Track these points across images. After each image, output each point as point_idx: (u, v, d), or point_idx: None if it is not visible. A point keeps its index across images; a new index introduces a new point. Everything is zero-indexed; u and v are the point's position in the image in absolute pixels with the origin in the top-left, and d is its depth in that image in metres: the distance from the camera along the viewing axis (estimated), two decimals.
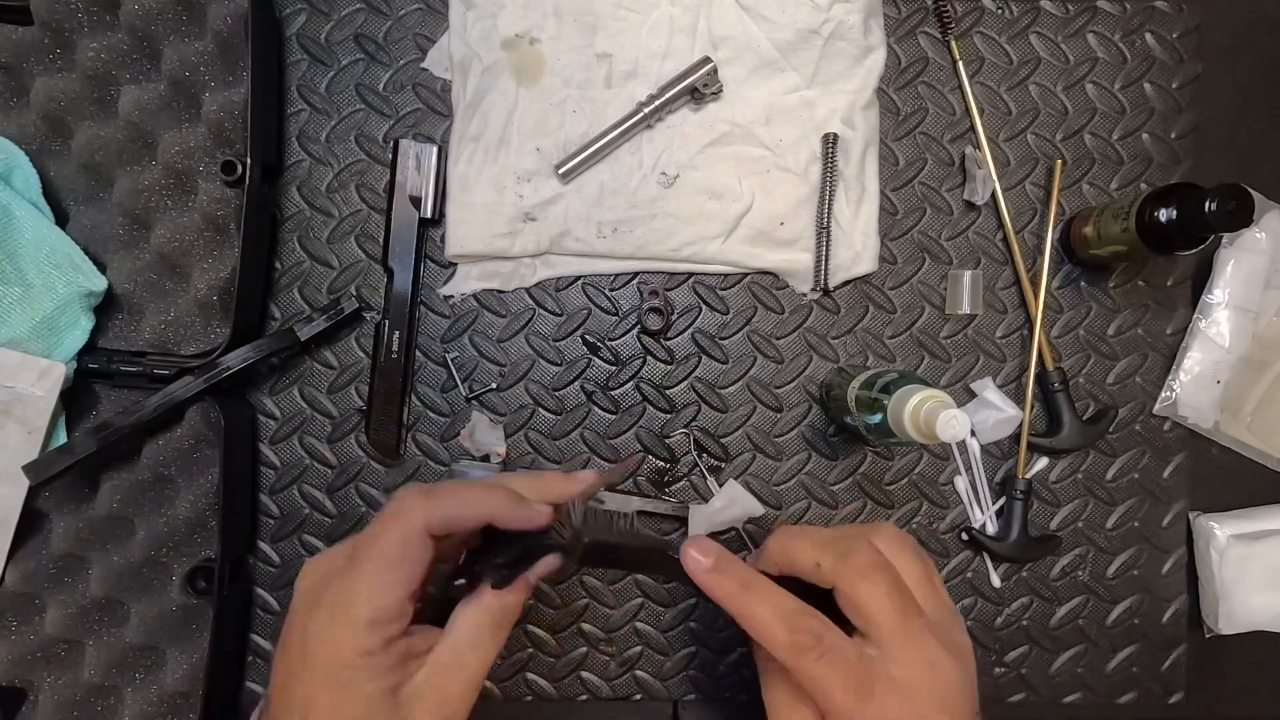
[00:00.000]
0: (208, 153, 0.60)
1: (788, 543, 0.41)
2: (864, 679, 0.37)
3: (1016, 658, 0.64)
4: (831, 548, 0.39)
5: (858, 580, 0.38)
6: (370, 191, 0.63)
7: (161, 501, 0.60)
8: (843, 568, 0.39)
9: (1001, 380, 0.64)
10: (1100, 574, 0.64)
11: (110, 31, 0.59)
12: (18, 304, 0.56)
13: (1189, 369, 0.64)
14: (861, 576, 0.38)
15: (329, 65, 0.63)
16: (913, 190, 0.64)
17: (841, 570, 0.38)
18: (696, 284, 0.63)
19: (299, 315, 0.62)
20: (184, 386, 0.57)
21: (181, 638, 0.59)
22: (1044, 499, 0.64)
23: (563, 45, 0.61)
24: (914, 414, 0.47)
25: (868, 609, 0.38)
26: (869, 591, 0.38)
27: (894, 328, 0.64)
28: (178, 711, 0.59)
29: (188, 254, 0.60)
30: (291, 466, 0.62)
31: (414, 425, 0.62)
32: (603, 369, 0.63)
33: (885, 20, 0.63)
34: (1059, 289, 0.64)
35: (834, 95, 0.62)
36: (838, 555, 0.39)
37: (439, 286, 0.62)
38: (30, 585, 0.58)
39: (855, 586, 0.38)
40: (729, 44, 0.61)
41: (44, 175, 0.59)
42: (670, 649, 0.62)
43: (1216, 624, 0.63)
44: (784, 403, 0.63)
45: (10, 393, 0.56)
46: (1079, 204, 0.64)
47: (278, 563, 0.62)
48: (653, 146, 0.61)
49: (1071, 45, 0.65)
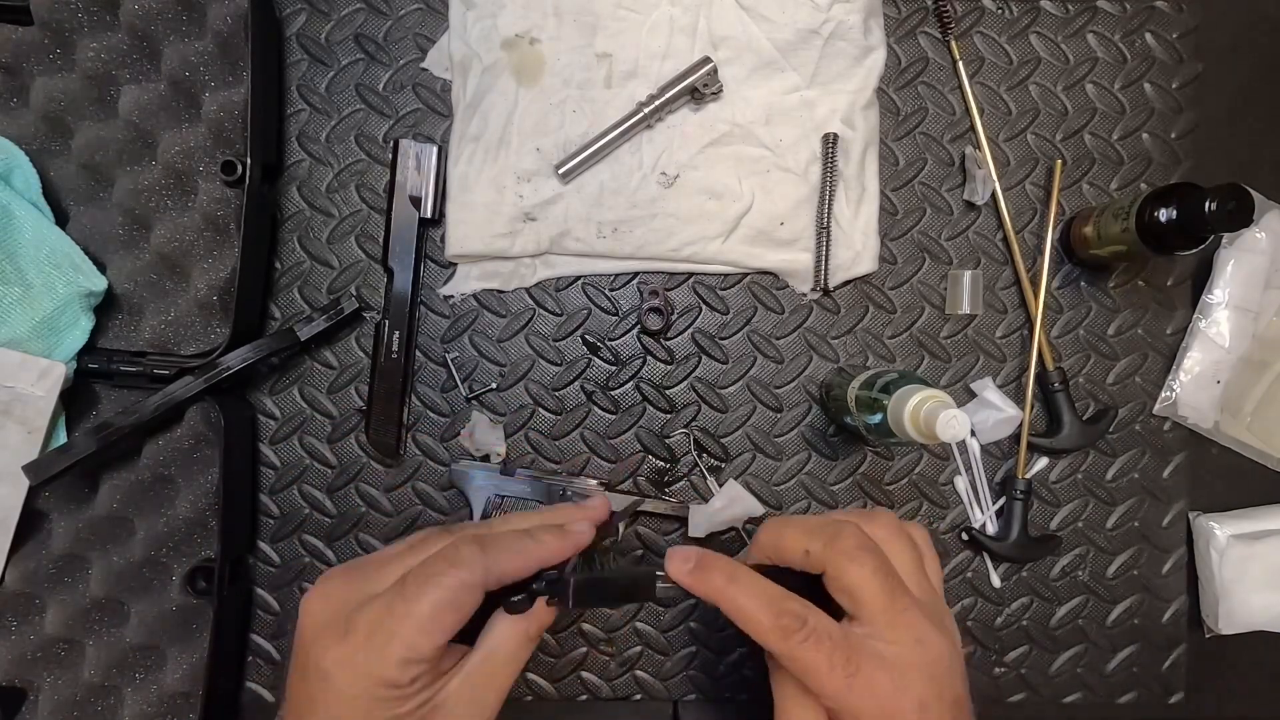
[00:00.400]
0: (208, 153, 0.60)
1: (777, 532, 0.42)
2: (850, 657, 0.37)
3: (1016, 658, 0.64)
4: (819, 533, 0.40)
5: (845, 562, 0.39)
6: (370, 191, 0.63)
7: (161, 501, 0.60)
8: (830, 551, 0.39)
9: (1001, 380, 0.64)
10: (1100, 574, 0.64)
11: (110, 31, 0.59)
12: (18, 304, 0.56)
13: (1189, 369, 0.64)
14: (848, 558, 0.39)
15: (329, 65, 0.63)
16: (913, 190, 0.64)
17: (829, 554, 0.39)
18: (696, 284, 0.63)
19: (299, 315, 0.62)
20: (184, 386, 0.57)
21: (181, 638, 0.59)
22: (1044, 499, 0.64)
23: (563, 45, 0.61)
24: (914, 414, 0.47)
25: (854, 589, 0.38)
26: (855, 572, 0.39)
27: (894, 328, 0.64)
28: (178, 711, 0.59)
29: (188, 254, 0.60)
30: (291, 466, 0.62)
31: (414, 425, 0.62)
32: (603, 369, 0.63)
33: (885, 20, 0.63)
34: (1059, 289, 0.64)
35: (834, 95, 0.62)
36: (825, 540, 0.40)
37: (439, 286, 0.62)
38: (30, 585, 0.58)
39: (842, 568, 0.39)
40: (729, 44, 0.61)
41: (44, 175, 0.59)
42: (670, 649, 0.62)
43: (1216, 624, 0.63)
44: (784, 403, 0.63)
45: (10, 393, 0.56)
46: (1079, 204, 0.64)
47: (278, 563, 0.62)
48: (653, 146, 0.61)
49: (1071, 45, 0.65)
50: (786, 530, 0.42)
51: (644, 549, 0.63)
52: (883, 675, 0.37)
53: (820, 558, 0.39)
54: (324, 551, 0.62)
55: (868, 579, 0.38)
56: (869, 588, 0.38)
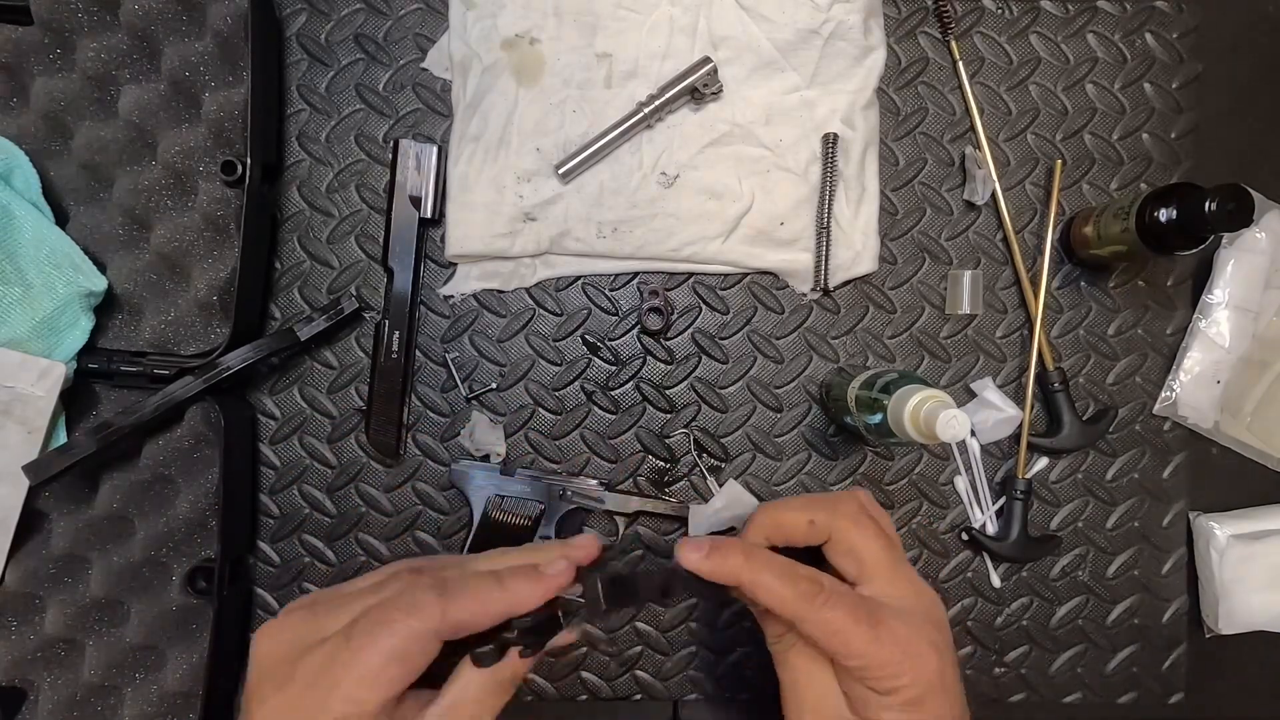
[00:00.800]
0: (208, 153, 0.60)
1: (775, 514, 0.43)
2: (871, 611, 0.39)
3: (1016, 658, 0.64)
4: (820, 505, 0.43)
5: (851, 527, 0.42)
6: (370, 191, 0.63)
7: (161, 501, 0.60)
8: (835, 518, 0.42)
9: (1001, 380, 0.64)
10: (1100, 574, 0.64)
11: (110, 31, 0.59)
12: (18, 304, 0.56)
13: (1189, 369, 0.64)
14: (853, 523, 0.42)
15: (329, 65, 0.63)
16: (913, 190, 0.64)
17: (834, 521, 0.42)
18: (696, 284, 0.63)
19: (299, 315, 0.62)
20: (184, 386, 0.57)
21: (181, 638, 0.59)
22: (1044, 499, 0.64)
23: (563, 45, 0.61)
24: (914, 414, 0.47)
25: (861, 549, 0.42)
26: (860, 534, 0.42)
27: (894, 328, 0.64)
28: (178, 711, 0.59)
29: (188, 254, 0.60)
30: (291, 466, 0.62)
31: (414, 425, 0.62)
32: (603, 369, 0.63)
33: (885, 20, 0.63)
34: (1059, 289, 0.64)
35: (834, 95, 0.62)
36: (827, 510, 0.43)
37: (439, 286, 0.62)
38: (30, 585, 0.58)
39: (849, 532, 0.42)
40: (729, 44, 0.61)
41: (44, 175, 0.59)
42: (670, 649, 0.62)
43: (1216, 624, 0.63)
44: (784, 403, 0.63)
45: (10, 393, 0.56)
46: (1079, 204, 0.64)
47: (278, 563, 0.62)
48: (653, 146, 0.61)
49: (1071, 45, 0.65)
50: (785, 509, 0.43)
51: (644, 549, 0.63)
52: (899, 624, 0.39)
53: (827, 525, 0.42)
54: (324, 551, 0.62)
55: (872, 540, 0.42)
56: (874, 547, 0.41)
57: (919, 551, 0.63)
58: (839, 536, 0.42)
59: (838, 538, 0.42)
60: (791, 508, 0.43)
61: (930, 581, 0.63)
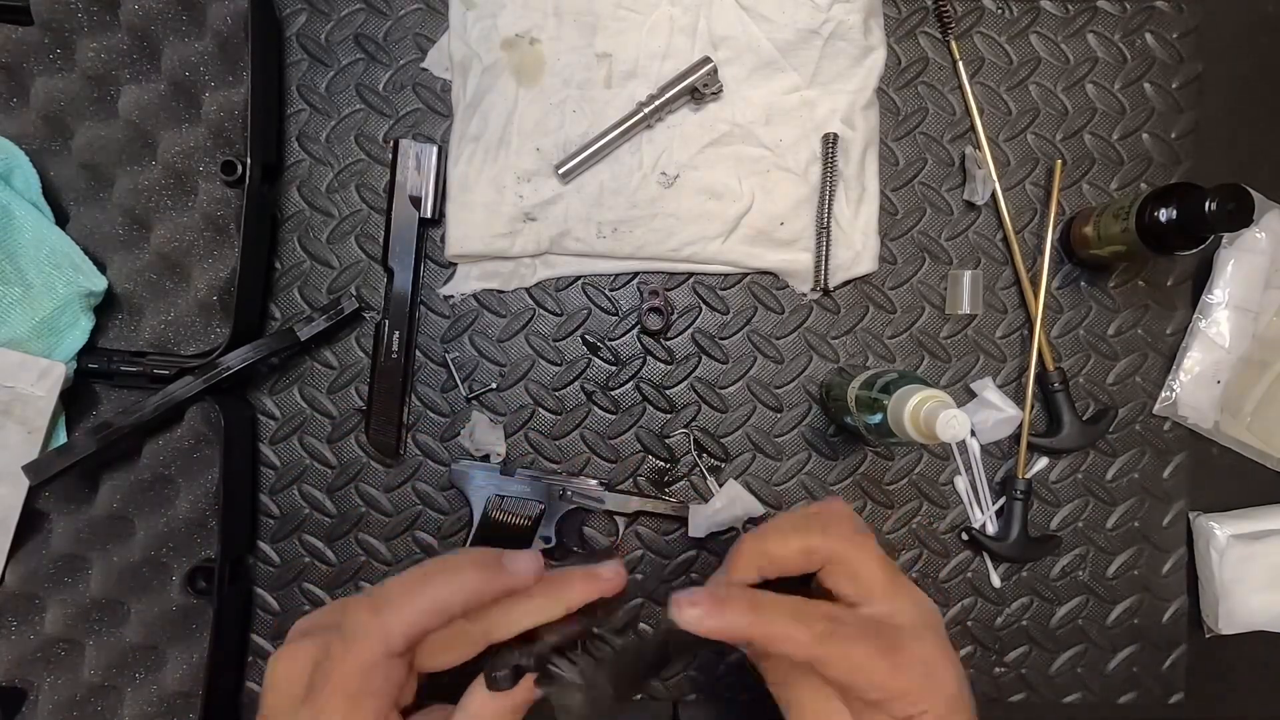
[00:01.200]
0: (208, 153, 0.60)
1: (764, 544, 0.40)
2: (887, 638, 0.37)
3: (1016, 658, 0.64)
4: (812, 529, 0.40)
5: (850, 549, 0.39)
6: (370, 191, 0.63)
7: (161, 501, 0.60)
8: (834, 541, 0.39)
9: (1001, 380, 0.64)
10: (1100, 574, 0.64)
11: (110, 31, 0.59)
12: (18, 304, 0.56)
13: (1189, 369, 0.64)
14: (851, 544, 0.39)
15: (329, 65, 0.63)
16: (913, 190, 0.64)
17: (834, 544, 0.39)
18: (696, 284, 0.63)
19: (299, 315, 0.62)
20: (184, 386, 0.57)
21: (181, 638, 0.59)
22: (1044, 499, 0.64)
23: (563, 45, 0.61)
24: (914, 414, 0.47)
25: (864, 571, 0.39)
26: (860, 556, 0.39)
27: (894, 328, 0.64)
28: (178, 711, 0.59)
29: (188, 254, 0.60)
30: (291, 466, 0.62)
31: (414, 425, 0.62)
32: (603, 369, 0.63)
33: (885, 20, 0.63)
34: (1059, 289, 0.64)
35: (834, 95, 0.62)
36: (819, 533, 0.39)
37: (439, 286, 0.62)
38: (30, 585, 0.58)
39: (850, 554, 0.39)
40: (729, 44, 0.61)
41: (44, 175, 0.59)
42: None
43: (1216, 624, 0.63)
44: (784, 403, 0.63)
45: (10, 393, 0.56)
46: (1079, 204, 0.64)
47: (278, 563, 0.62)
48: (653, 146, 0.61)
49: (1071, 45, 0.65)
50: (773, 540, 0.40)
51: (644, 549, 0.63)
52: (914, 645, 0.37)
53: (826, 550, 0.39)
54: (324, 551, 0.62)
55: (872, 559, 0.39)
56: (875, 568, 0.39)
57: (919, 551, 0.63)
58: (839, 561, 0.39)
59: (837, 562, 0.39)
60: (781, 536, 0.40)
61: (930, 582, 0.63)
